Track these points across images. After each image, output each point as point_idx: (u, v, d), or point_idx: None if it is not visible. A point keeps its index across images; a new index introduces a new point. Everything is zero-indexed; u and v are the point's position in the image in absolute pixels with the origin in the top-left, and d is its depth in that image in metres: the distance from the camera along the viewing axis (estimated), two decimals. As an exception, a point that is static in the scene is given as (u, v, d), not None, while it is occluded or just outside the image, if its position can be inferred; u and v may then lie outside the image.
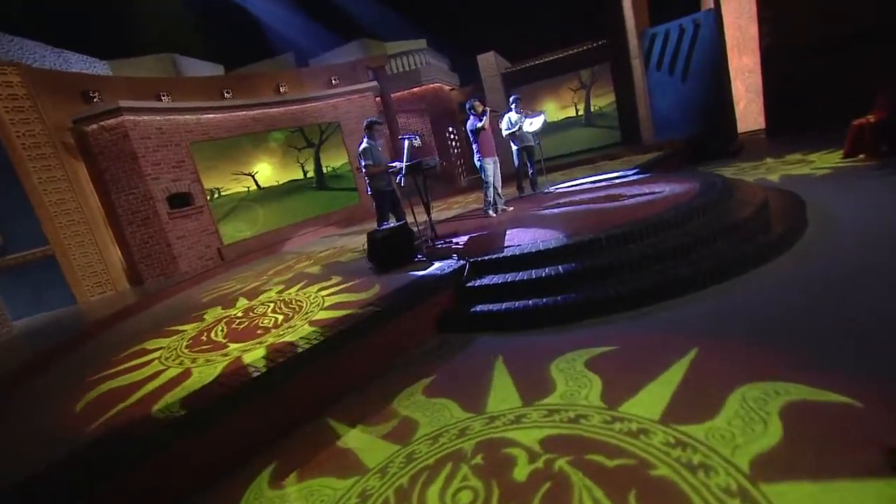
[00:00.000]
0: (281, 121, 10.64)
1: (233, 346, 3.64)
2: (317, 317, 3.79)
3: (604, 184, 6.75)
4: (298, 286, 5.07)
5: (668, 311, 3.22)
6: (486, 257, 4.13)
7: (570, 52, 13.06)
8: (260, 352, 3.31)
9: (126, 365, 3.86)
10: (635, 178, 6.69)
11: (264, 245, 9.55)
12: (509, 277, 3.92)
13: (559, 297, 3.59)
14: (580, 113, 13.25)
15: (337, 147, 11.54)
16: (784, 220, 4.15)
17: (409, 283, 3.97)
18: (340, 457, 2.49)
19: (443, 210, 9.05)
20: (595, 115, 13.11)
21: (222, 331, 4.16)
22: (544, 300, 3.62)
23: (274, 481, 2.42)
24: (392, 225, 4.86)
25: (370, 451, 2.46)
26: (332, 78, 11.91)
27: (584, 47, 12.93)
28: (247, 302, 5.04)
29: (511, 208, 6.31)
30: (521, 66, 13.86)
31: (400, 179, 4.90)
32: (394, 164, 5.24)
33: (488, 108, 5.86)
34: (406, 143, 5.16)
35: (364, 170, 5.22)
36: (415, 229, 5.38)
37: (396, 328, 3.59)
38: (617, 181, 6.71)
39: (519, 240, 4.43)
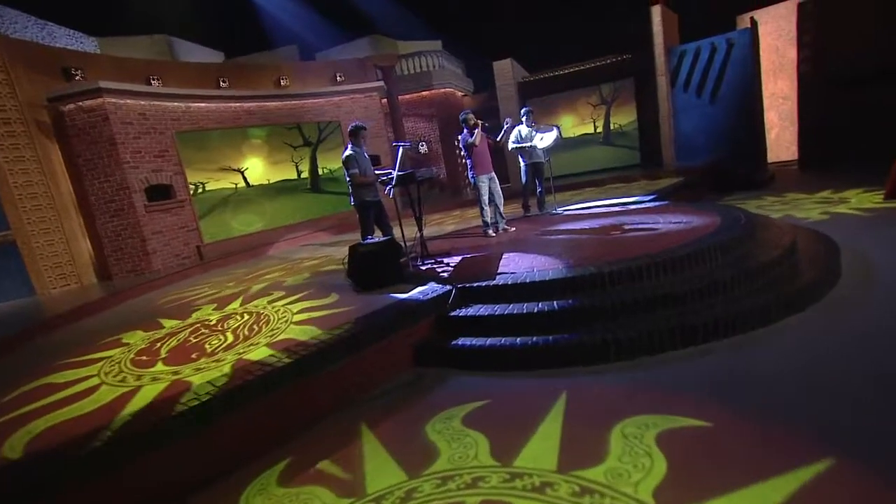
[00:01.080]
0: (278, 116, 10.56)
1: (171, 367, 3.41)
2: (281, 336, 3.59)
3: (616, 209, 6.60)
4: (270, 298, 4.92)
5: (669, 366, 2.97)
6: (475, 284, 3.94)
7: (592, 64, 12.97)
8: (199, 378, 3.07)
9: (62, 375, 3.63)
10: (651, 205, 6.52)
11: (248, 247, 9.41)
12: (498, 310, 3.70)
13: (550, 338, 3.35)
14: (598, 130, 13.11)
15: (335, 148, 11.44)
16: (814, 266, 3.91)
17: (388, 307, 3.78)
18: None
19: (441, 223, 8.93)
20: (614, 133, 12.97)
21: (179, 342, 3.94)
22: (534, 339, 3.38)
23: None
24: (378, 239, 4.66)
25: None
26: (338, 74, 11.88)
27: (608, 61, 12.84)
28: (212, 312, 4.86)
29: (513, 229, 6.18)
30: (540, 75, 13.78)
31: (389, 190, 4.70)
32: (384, 173, 5.11)
33: (480, 123, 5.77)
34: (400, 150, 5.00)
35: (348, 179, 5.07)
36: (404, 245, 5.24)
37: (366, 358, 3.38)
38: (631, 207, 6.56)
39: (515, 266, 4.25)
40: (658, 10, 11.26)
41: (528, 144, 6.68)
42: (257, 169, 10.20)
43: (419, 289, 4.11)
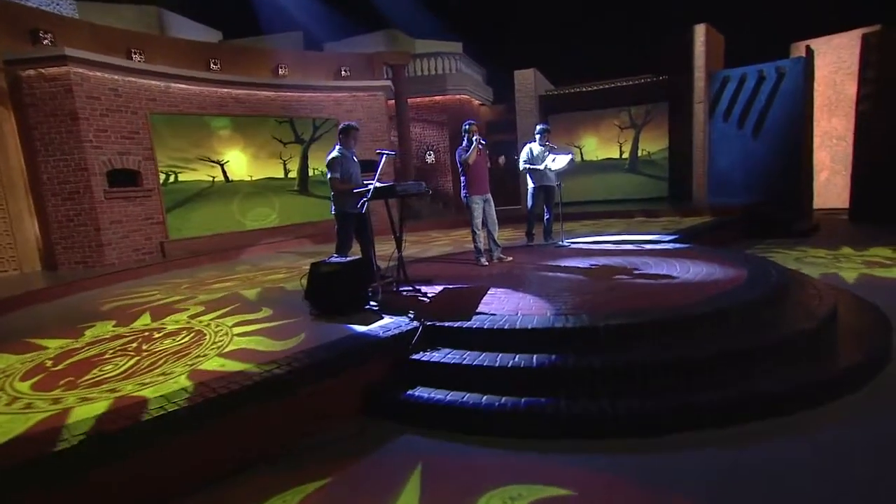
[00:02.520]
0: (269, 107, 10.48)
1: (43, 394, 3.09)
2: (206, 365, 3.30)
3: (631, 247, 6.39)
4: (220, 312, 4.75)
5: (659, 455, 2.60)
6: (447, 324, 3.66)
7: (624, 83, 12.85)
8: (85, 410, 2.75)
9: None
10: (671, 246, 6.29)
11: (218, 248, 9.23)
12: (467, 358, 3.40)
13: (522, 401, 3.01)
14: (625, 156, 12.95)
15: (329, 146, 11.23)
16: (856, 343, 3.55)
17: (340, 340, 3.52)
18: None
19: (434, 244, 8.77)
20: (642, 160, 12.80)
21: (102, 355, 3.64)
22: (502, 400, 3.05)
23: None
24: (343, 259, 4.40)
25: None
26: (343, 69, 11.80)
27: (641, 80, 12.73)
28: (149, 321, 4.63)
29: (509, 259, 6.02)
30: (565, 90, 13.68)
31: (362, 205, 4.51)
32: (370, 184, 4.89)
33: (478, 139, 5.65)
34: (382, 159, 4.80)
35: (330, 184, 4.94)
36: (383, 265, 5.15)
37: (301, 401, 3.08)
38: (647, 247, 6.33)
39: (499, 305, 4.00)
40: (702, 30, 11.10)
41: (541, 166, 6.58)
42: (239, 163, 10.06)
43: (382, 322, 3.88)
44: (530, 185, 6.78)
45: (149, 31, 9.68)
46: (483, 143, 5.70)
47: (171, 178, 8.98)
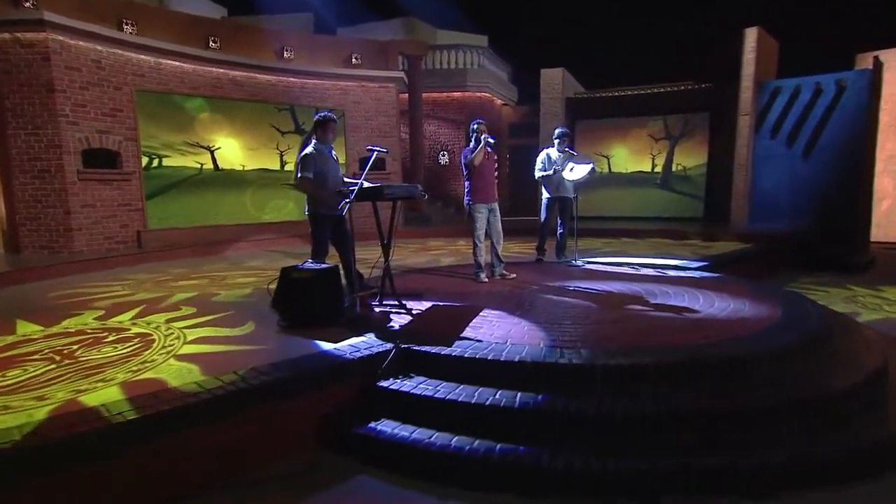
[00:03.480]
0: (270, 92, 10.47)
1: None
2: (147, 374, 3.13)
3: (652, 272, 6.21)
4: (174, 314, 4.63)
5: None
6: (425, 348, 3.46)
7: (662, 89, 12.67)
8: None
9: None
10: (698, 275, 6.05)
11: (202, 241, 9.17)
12: (442, 390, 3.20)
13: (497, 447, 2.78)
14: (657, 169, 12.78)
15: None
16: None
17: (304, 358, 3.34)
18: None
19: (434, 252, 8.76)
20: (676, 176, 12.64)
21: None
22: (475, 444, 2.83)
23: None
24: (317, 266, 4.28)
25: None
26: (354, 56, 11.74)
27: (681, 87, 12.53)
28: (92, 321, 4.50)
29: (512, 276, 5.87)
30: (595, 93, 13.52)
31: (342, 206, 4.37)
32: (354, 184, 4.81)
33: (486, 138, 5.47)
34: (373, 156, 4.66)
35: (298, 185, 4.78)
36: (368, 273, 5.08)
37: (246, 428, 2.88)
38: (671, 273, 6.14)
39: (488, 330, 3.83)
40: (753, 34, 10.79)
41: (554, 170, 6.47)
42: (232, 151, 10.03)
43: (353, 340, 3.70)
44: (544, 195, 6.69)
45: (146, 2, 9.66)
46: (492, 141, 5.52)
47: (155, 163, 8.93)
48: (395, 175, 12.12)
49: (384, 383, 3.31)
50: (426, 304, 4.68)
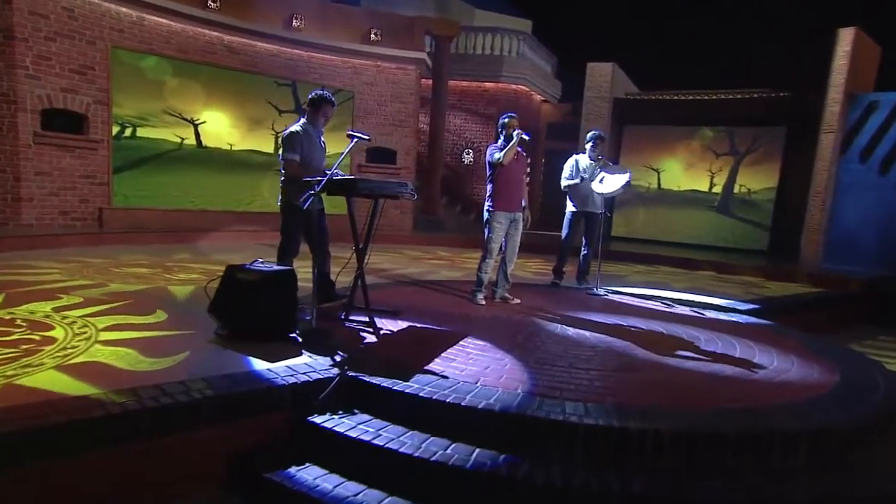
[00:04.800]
0: (269, 64, 10.45)
1: None
2: (27, 380, 2.90)
3: (687, 312, 5.97)
4: (101, 308, 4.45)
5: None
6: (375, 380, 3.25)
7: (729, 95, 12.35)
8: None
9: None
10: (744, 320, 5.75)
11: (174, 227, 9.14)
12: (383, 435, 2.94)
13: None
14: (715, 189, 12.60)
15: (336, 128, 11.03)
16: None
17: (223, 378, 3.11)
18: None
19: (436, 262, 8.70)
20: (738, 199, 12.42)
21: None
22: None
23: None
24: (266, 268, 4.13)
25: None
26: (373, 31, 11.64)
27: (753, 94, 12.18)
28: None
29: (516, 301, 5.73)
30: (649, 95, 13.25)
31: (306, 199, 4.23)
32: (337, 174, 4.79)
33: (521, 134, 5.39)
34: (353, 143, 4.58)
35: (284, 168, 4.81)
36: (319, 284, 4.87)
37: (133, 461, 2.66)
38: (711, 315, 5.89)
39: (462, 363, 3.64)
40: (848, 36, 10.29)
41: (581, 178, 6.43)
42: (219, 126, 10.01)
43: (292, 361, 3.51)
44: (569, 208, 6.67)
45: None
46: (527, 138, 5.42)
47: (128, 132, 8.93)
48: (407, 171, 11.97)
49: (318, 419, 3.06)
50: (401, 324, 4.58)
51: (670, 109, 12.66)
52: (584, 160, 6.54)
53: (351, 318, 4.54)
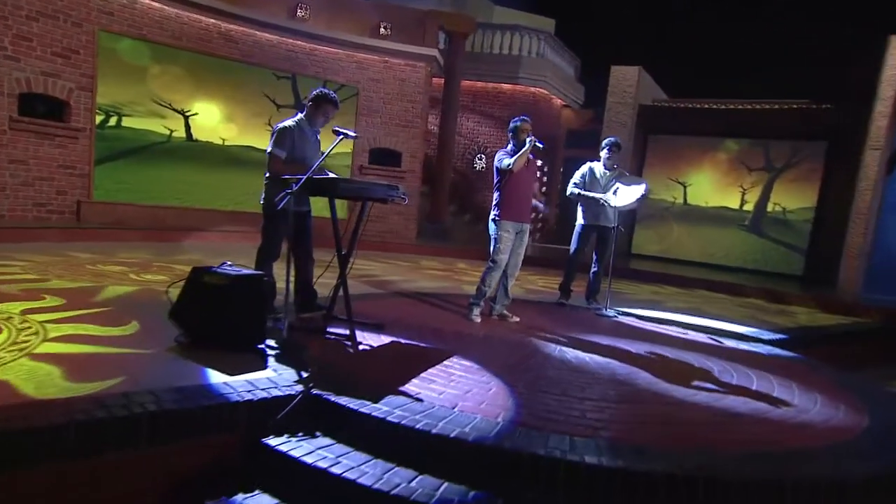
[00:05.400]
0: (269, 55, 10.50)
1: None
2: None
3: (704, 339, 5.85)
4: (45, 315, 4.31)
5: None
6: (343, 400, 3.15)
7: (765, 106, 12.26)
8: None
9: None
10: (767, 351, 5.61)
11: (158, 224, 9.15)
12: (342, 463, 2.79)
13: None
14: (747, 207, 12.50)
15: (340, 121, 10.96)
16: None
17: (170, 391, 2.99)
18: None
19: (435, 273, 8.74)
20: (770, 218, 12.31)
21: None
22: None
23: None
24: (235, 271, 4.07)
25: None
26: (383, 24, 11.66)
27: (791, 106, 12.09)
28: None
29: (515, 319, 5.68)
30: (677, 103, 13.19)
31: (282, 198, 4.26)
32: (326, 172, 4.89)
33: (534, 141, 5.39)
34: (338, 140, 4.54)
35: (268, 164, 4.84)
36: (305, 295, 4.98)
37: (50, 484, 2.52)
38: (729, 344, 5.75)
39: (442, 387, 3.54)
40: (901, 43, 10.16)
41: (598, 196, 6.37)
42: (212, 119, 10.05)
43: (254, 375, 3.42)
44: (580, 220, 6.62)
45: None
46: (541, 146, 5.40)
47: (112, 121, 8.97)
48: (413, 175, 11.92)
49: (273, 441, 2.95)
50: (384, 339, 4.52)
51: (700, 119, 12.58)
52: (598, 168, 6.50)
53: (330, 330, 4.47)
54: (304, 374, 3.50)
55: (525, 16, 16.45)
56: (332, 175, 4.75)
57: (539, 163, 5.84)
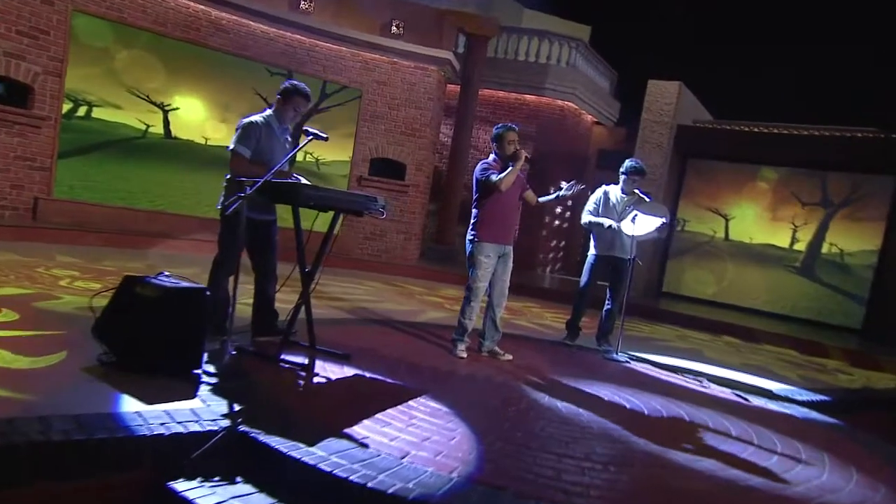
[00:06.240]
0: (263, 48, 10.53)
1: None
2: None
3: (727, 394, 5.67)
4: None
5: None
6: (273, 441, 3.02)
7: (824, 132, 12.07)
8: None
9: None
10: (800, 414, 5.40)
11: (125, 228, 9.08)
12: None
13: None
14: (797, 247, 12.21)
15: (341, 126, 11.14)
16: None
17: (63, 418, 2.86)
18: None
19: (425, 299, 8.69)
20: (826, 261, 12.02)
21: None
22: None
23: None
24: (170, 283, 3.99)
25: None
26: (395, 22, 11.70)
27: (856, 134, 11.92)
28: None
29: (508, 357, 5.58)
30: (724, 124, 13.05)
31: (232, 202, 4.23)
32: (297, 177, 4.92)
33: (522, 152, 5.40)
34: (306, 142, 4.64)
35: (230, 162, 4.83)
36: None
37: None
38: (755, 402, 5.56)
39: (397, 430, 3.44)
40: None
41: (611, 223, 6.36)
42: (194, 115, 10.08)
43: (175, 405, 3.29)
44: (591, 250, 6.65)
45: None
46: (530, 160, 5.36)
47: (82, 111, 8.99)
48: (417, 189, 11.89)
49: (180, 485, 2.80)
50: (346, 372, 4.43)
51: (748, 143, 12.36)
52: (615, 193, 6.49)
53: (285, 358, 4.38)
54: (237, 408, 3.37)
55: (558, 21, 16.51)
56: (302, 180, 4.70)
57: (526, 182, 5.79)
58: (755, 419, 4.77)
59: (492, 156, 5.45)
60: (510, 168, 5.22)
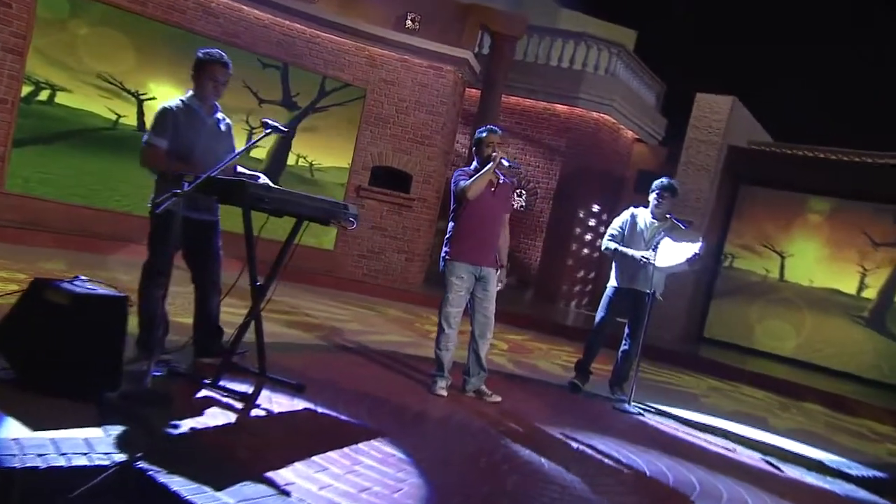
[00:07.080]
0: (257, 37, 10.58)
1: None
2: None
3: (756, 463, 5.45)
4: None
5: None
6: (173, 482, 2.89)
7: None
8: None
9: None
10: (842, 491, 5.19)
11: (85, 229, 9.10)
12: None
13: None
14: (866, 294, 11.96)
15: (340, 128, 11.20)
16: None
17: None
18: None
19: (426, 328, 8.49)
20: None
21: None
22: None
23: None
24: (85, 289, 3.89)
25: None
26: (410, 15, 11.73)
27: None
28: None
29: (497, 400, 5.48)
30: (784, 147, 12.90)
31: (164, 199, 4.12)
32: (256, 175, 4.87)
33: (501, 158, 5.36)
34: (266, 133, 4.58)
35: (142, 155, 4.73)
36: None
37: None
38: (790, 474, 5.34)
39: (335, 478, 3.30)
40: None
41: (640, 256, 6.24)
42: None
43: (67, 433, 3.16)
44: (611, 282, 6.58)
45: None
46: (507, 164, 5.43)
47: (44, 95, 9.01)
48: (423, 204, 11.84)
49: None
50: (296, 405, 4.34)
51: (811, 171, 12.20)
52: (643, 217, 6.42)
53: (224, 385, 4.25)
54: (141, 440, 3.24)
55: (599, 24, 16.49)
56: (263, 178, 4.67)
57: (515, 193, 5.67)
58: (786, 493, 4.61)
59: (475, 161, 5.46)
60: (481, 171, 5.19)
